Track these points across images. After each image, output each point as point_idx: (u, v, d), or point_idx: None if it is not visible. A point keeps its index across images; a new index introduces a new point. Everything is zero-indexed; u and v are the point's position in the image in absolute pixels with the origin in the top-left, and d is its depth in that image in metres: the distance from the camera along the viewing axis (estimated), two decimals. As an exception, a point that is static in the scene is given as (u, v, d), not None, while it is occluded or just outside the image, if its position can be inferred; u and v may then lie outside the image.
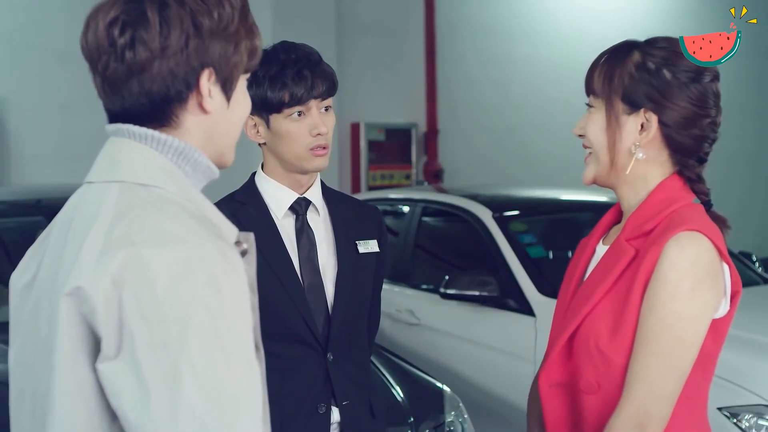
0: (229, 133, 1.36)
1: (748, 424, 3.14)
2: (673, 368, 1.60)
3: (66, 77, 6.50)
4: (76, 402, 1.17)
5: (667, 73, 1.71)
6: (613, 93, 1.73)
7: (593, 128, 1.77)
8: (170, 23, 1.24)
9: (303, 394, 2.14)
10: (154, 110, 1.27)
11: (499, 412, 4.12)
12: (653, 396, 1.59)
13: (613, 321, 1.67)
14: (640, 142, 1.72)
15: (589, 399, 1.71)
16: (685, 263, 1.60)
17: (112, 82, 1.26)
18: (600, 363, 1.68)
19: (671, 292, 1.60)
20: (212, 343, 1.13)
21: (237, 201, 2.23)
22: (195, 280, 1.14)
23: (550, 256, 4.61)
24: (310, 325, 2.15)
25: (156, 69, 1.25)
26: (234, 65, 1.32)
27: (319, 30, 7.19)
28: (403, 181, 8.36)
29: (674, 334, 1.59)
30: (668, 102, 1.70)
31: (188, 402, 1.10)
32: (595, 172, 1.78)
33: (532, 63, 9.01)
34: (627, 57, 1.74)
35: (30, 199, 4.68)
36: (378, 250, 2.31)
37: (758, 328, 3.55)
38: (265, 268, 2.13)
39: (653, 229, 1.68)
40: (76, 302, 1.15)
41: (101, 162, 1.30)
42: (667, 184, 1.74)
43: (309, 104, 2.14)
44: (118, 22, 1.24)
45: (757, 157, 10.33)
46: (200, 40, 1.26)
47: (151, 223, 1.18)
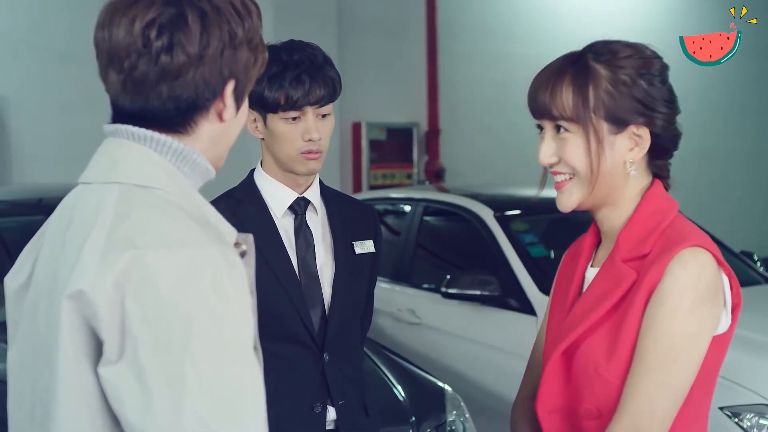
0: (230, 141, 1.37)
1: (750, 423, 3.14)
2: (667, 386, 1.55)
3: (66, 77, 6.51)
4: (79, 405, 1.17)
5: (643, 82, 1.63)
6: (593, 114, 1.62)
7: (576, 153, 1.64)
8: (210, 31, 1.25)
9: (299, 394, 2.14)
10: (177, 116, 1.27)
11: (501, 412, 4.11)
12: (646, 413, 1.54)
13: (612, 343, 1.61)
14: (633, 158, 1.65)
15: (591, 425, 1.66)
16: (689, 281, 1.55)
17: (139, 83, 1.25)
18: (599, 388, 1.62)
19: (671, 309, 1.55)
20: (216, 347, 1.13)
21: (236, 198, 2.22)
22: (199, 284, 1.14)
23: (551, 256, 4.61)
24: (308, 325, 2.15)
25: (191, 75, 1.24)
26: (251, 77, 1.33)
27: (319, 30, 7.19)
28: (405, 180, 8.37)
29: (670, 352, 1.54)
30: (653, 111, 1.64)
31: (192, 405, 1.10)
32: (580, 198, 1.68)
33: (533, 62, 8.90)
34: (592, 73, 1.64)
35: (30, 198, 4.69)
36: (374, 251, 2.31)
37: (759, 327, 3.55)
38: (264, 268, 2.13)
39: (651, 251, 1.62)
40: (78, 305, 1.15)
41: (99, 162, 1.29)
42: (653, 195, 1.67)
43: (305, 109, 2.13)
44: (155, 24, 1.23)
45: (757, 156, 10.32)
46: (233, 49, 1.27)
47: (153, 225, 1.18)
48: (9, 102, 6.64)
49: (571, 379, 1.68)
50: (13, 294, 1.33)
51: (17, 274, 1.33)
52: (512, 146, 8.81)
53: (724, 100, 9.92)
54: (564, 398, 1.70)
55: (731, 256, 4.54)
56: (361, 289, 2.29)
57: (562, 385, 1.70)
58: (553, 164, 1.69)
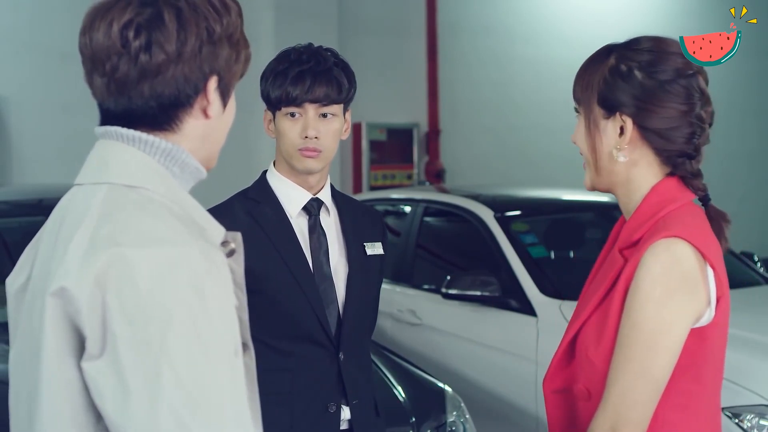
0: (220, 139, 1.38)
1: (750, 424, 3.14)
2: (644, 374, 1.59)
3: (67, 77, 6.49)
4: (62, 401, 1.18)
5: (640, 75, 1.69)
6: (591, 98, 1.73)
7: (578, 135, 1.78)
8: (187, 28, 1.26)
9: (314, 394, 2.15)
10: (161, 113, 1.29)
11: (501, 412, 4.12)
12: (626, 401, 1.60)
13: (599, 330, 1.68)
14: (619, 145, 1.72)
15: (585, 405, 1.72)
16: (658, 270, 1.60)
17: (121, 84, 1.27)
18: (590, 371, 1.69)
19: (644, 298, 1.60)
20: (193, 344, 1.13)
21: (251, 199, 2.25)
22: (177, 281, 1.15)
23: (551, 256, 4.61)
24: (324, 324, 2.16)
25: (170, 73, 1.26)
26: (234, 73, 1.35)
27: (320, 30, 7.18)
28: (405, 181, 8.36)
29: (645, 340, 1.59)
30: (646, 104, 1.69)
31: (168, 402, 1.11)
32: (591, 179, 1.79)
33: (533, 63, 9.01)
34: (604, 61, 1.74)
35: (32, 199, 4.69)
36: (382, 253, 2.34)
37: (760, 328, 3.55)
38: (282, 267, 2.15)
39: (640, 238, 1.68)
40: (61, 302, 1.16)
41: (90, 164, 1.31)
42: (660, 187, 1.72)
43: (305, 107, 2.15)
44: (133, 24, 1.25)
45: (758, 157, 10.32)
46: (212, 46, 1.29)
47: (135, 223, 1.19)
48: (10, 102, 6.64)
49: (571, 362, 1.76)
50: (14, 296, 1.34)
51: (17, 276, 1.35)
52: (512, 146, 8.82)
53: (725, 100, 9.89)
54: (564, 380, 1.77)
55: (731, 256, 4.53)
56: (373, 290, 2.32)
57: (565, 366, 1.77)
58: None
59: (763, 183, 10.37)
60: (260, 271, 2.08)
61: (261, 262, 2.10)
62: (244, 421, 1.18)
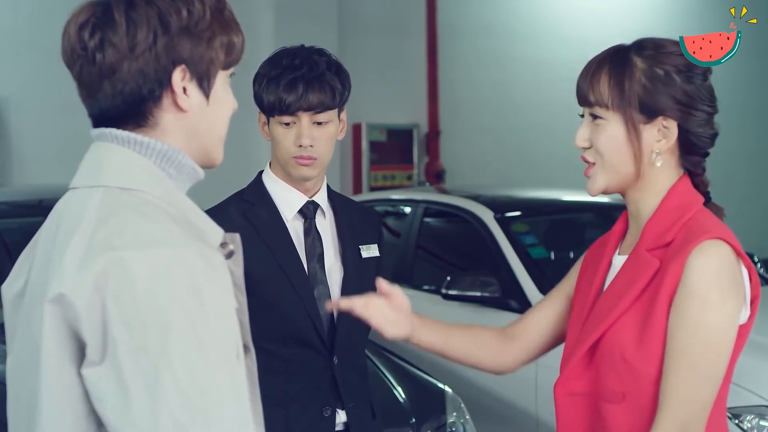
0: (213, 131, 1.34)
1: (750, 425, 3.14)
2: (709, 378, 1.62)
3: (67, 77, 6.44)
4: (63, 407, 1.17)
5: (679, 79, 1.70)
6: (629, 104, 1.70)
7: (607, 140, 1.73)
8: (137, 23, 1.24)
9: (308, 398, 2.14)
10: (129, 111, 1.27)
11: (501, 413, 4.11)
12: (692, 406, 1.61)
13: (639, 332, 1.66)
14: (660, 149, 1.71)
15: (614, 408, 1.70)
16: (711, 273, 1.61)
17: (88, 86, 1.27)
18: (625, 373, 1.67)
19: (701, 304, 1.60)
20: (192, 348, 1.12)
21: (246, 201, 2.23)
22: (174, 284, 1.13)
23: (551, 257, 4.61)
24: (318, 328, 2.15)
25: (126, 69, 1.25)
26: (209, 62, 1.30)
27: (320, 30, 7.18)
28: (405, 181, 8.36)
29: (708, 346, 1.61)
30: (688, 107, 1.70)
31: (168, 407, 1.10)
32: (607, 183, 1.75)
33: (533, 63, 9.00)
34: (630, 65, 1.72)
35: (32, 199, 4.68)
36: (378, 255, 2.32)
37: (760, 328, 3.54)
38: (277, 271, 2.13)
39: (673, 240, 1.68)
40: (60, 309, 1.15)
41: (85, 167, 1.30)
42: (679, 189, 1.74)
43: (299, 115, 2.12)
44: (88, 25, 1.25)
45: (758, 157, 10.32)
46: (168, 37, 1.26)
47: (131, 226, 1.18)
48: (10, 102, 6.64)
49: (592, 364, 1.75)
50: (10, 302, 1.33)
51: (14, 282, 1.33)
52: (512, 147, 8.81)
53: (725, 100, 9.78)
54: (586, 383, 1.76)
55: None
56: (368, 292, 2.29)
57: (585, 370, 1.76)
58: (585, 148, 1.78)
59: (763, 183, 10.36)
60: (255, 274, 2.06)
61: (256, 266, 2.08)
62: (245, 424, 1.17)
